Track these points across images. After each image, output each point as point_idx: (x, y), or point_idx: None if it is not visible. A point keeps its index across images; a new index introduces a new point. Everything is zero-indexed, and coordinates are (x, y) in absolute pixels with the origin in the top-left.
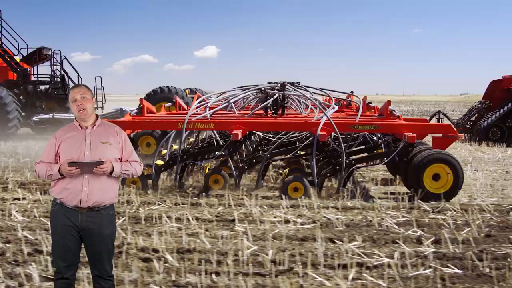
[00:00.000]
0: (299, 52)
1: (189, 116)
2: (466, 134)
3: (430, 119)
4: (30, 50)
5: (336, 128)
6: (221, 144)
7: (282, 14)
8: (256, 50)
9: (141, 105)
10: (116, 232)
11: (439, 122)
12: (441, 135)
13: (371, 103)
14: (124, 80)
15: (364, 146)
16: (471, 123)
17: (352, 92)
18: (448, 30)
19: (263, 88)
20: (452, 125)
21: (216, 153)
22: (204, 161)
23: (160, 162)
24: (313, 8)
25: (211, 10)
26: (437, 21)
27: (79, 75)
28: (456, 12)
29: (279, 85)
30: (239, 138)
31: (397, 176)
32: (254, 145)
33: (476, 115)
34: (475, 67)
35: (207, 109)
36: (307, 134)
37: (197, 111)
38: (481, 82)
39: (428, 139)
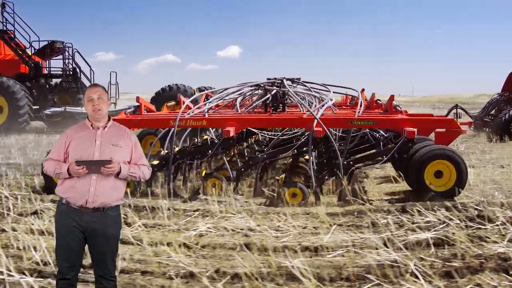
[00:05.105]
0: (320, 52)
1: (183, 114)
2: (486, 129)
3: (447, 114)
4: (42, 43)
5: (323, 125)
6: (216, 142)
7: (304, 14)
8: (280, 50)
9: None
10: (120, 233)
11: (456, 117)
12: (444, 130)
13: (379, 100)
14: (147, 79)
15: (366, 145)
16: (491, 117)
17: (363, 89)
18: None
19: (261, 85)
20: (472, 120)
21: (209, 151)
22: (198, 161)
23: (156, 163)
24: (335, 9)
25: (234, 11)
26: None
27: (91, 69)
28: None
29: (278, 81)
30: (231, 135)
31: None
32: (262, 147)
33: (495, 108)
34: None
35: (206, 105)
36: (306, 132)
37: (195, 108)
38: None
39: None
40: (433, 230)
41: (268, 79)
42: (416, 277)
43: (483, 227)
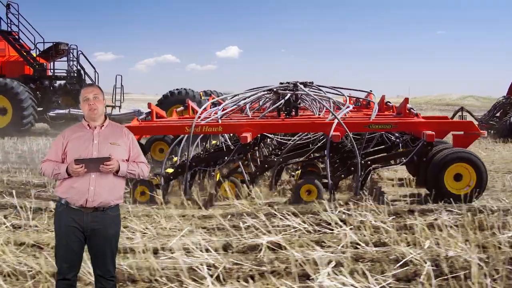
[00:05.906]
0: (321, 53)
1: (197, 120)
2: (491, 131)
3: (452, 117)
4: (46, 45)
5: (346, 128)
6: (231, 148)
7: (304, 14)
8: (279, 50)
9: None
10: (120, 233)
11: (462, 119)
12: (462, 132)
13: (389, 102)
14: (147, 80)
15: (382, 147)
16: (496, 120)
17: (371, 91)
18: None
19: (274, 89)
20: (477, 122)
21: (226, 158)
22: (213, 167)
23: (171, 171)
24: (336, 9)
25: (233, 11)
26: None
27: (95, 71)
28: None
29: (291, 85)
30: (248, 141)
31: (413, 177)
32: (270, 149)
33: (501, 111)
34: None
35: (219, 111)
36: (320, 136)
37: (206, 115)
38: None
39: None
40: (282, 234)
41: (281, 83)
42: (217, 279)
43: (329, 231)
